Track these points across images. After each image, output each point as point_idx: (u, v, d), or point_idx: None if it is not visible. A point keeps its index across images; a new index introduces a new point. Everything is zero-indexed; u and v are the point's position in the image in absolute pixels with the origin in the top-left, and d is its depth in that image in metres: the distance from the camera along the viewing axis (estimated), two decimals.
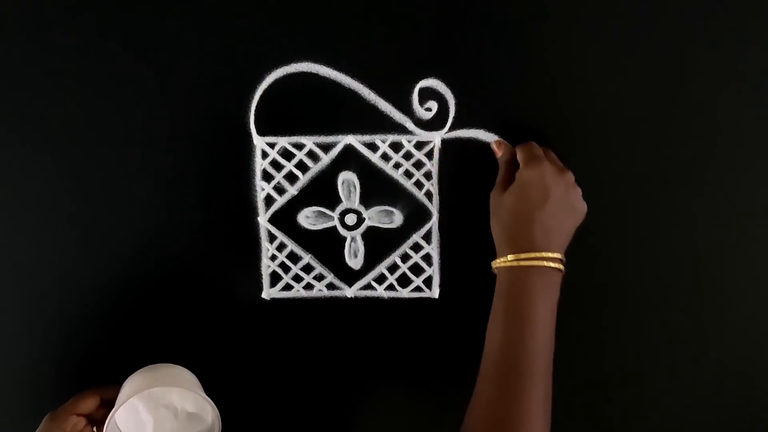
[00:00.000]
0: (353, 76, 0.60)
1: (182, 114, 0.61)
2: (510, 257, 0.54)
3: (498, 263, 0.56)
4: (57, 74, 0.60)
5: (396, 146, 0.62)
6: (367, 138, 0.61)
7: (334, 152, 0.62)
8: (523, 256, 0.53)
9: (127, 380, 0.60)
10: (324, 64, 0.60)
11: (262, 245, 0.64)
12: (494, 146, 0.60)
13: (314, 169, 0.62)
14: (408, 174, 0.62)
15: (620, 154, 0.62)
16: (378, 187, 0.63)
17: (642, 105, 0.61)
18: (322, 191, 0.63)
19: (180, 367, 0.62)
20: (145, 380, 0.59)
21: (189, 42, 0.59)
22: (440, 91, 0.60)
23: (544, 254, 0.53)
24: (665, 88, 0.60)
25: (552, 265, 0.54)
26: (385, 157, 0.62)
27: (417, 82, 0.60)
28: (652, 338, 0.66)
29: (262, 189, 0.63)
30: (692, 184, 0.62)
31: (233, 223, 0.64)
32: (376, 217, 0.63)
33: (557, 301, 0.55)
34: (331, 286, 0.65)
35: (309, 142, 0.62)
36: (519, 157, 0.58)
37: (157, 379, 0.59)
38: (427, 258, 0.65)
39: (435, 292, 0.65)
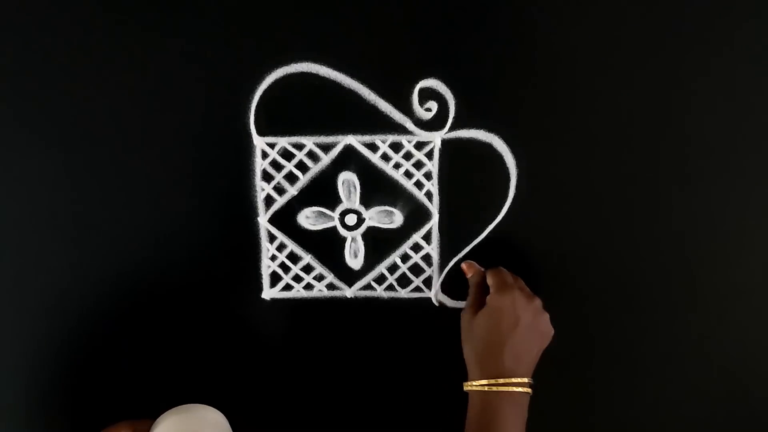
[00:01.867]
0: (353, 76, 0.60)
1: (182, 114, 0.61)
2: (482, 382, 0.57)
3: (469, 386, 0.58)
4: (58, 75, 0.60)
5: (396, 146, 0.62)
6: (367, 138, 0.61)
7: (334, 152, 0.62)
8: (493, 381, 0.56)
9: (159, 420, 0.59)
10: (324, 64, 0.60)
11: (262, 245, 0.64)
12: (464, 267, 0.63)
13: (314, 169, 0.62)
14: (408, 174, 0.62)
15: (619, 154, 0.62)
16: (378, 188, 0.63)
17: (642, 105, 0.61)
18: (322, 191, 0.63)
19: (212, 408, 0.61)
20: (179, 422, 0.58)
21: (189, 42, 0.59)
22: (440, 91, 0.60)
23: (513, 380, 0.56)
24: (665, 88, 0.60)
25: (520, 389, 0.56)
26: (385, 158, 0.62)
27: (417, 82, 0.60)
28: (648, 340, 0.66)
29: (262, 189, 0.63)
30: (690, 186, 0.62)
31: (233, 223, 0.64)
32: (376, 217, 0.63)
33: (526, 419, 0.57)
34: (331, 286, 0.65)
35: (309, 142, 0.62)
36: (489, 281, 0.60)
37: (190, 421, 0.59)
38: (427, 258, 0.65)
39: (434, 293, 0.65)
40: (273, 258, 0.64)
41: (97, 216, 0.63)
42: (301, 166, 0.62)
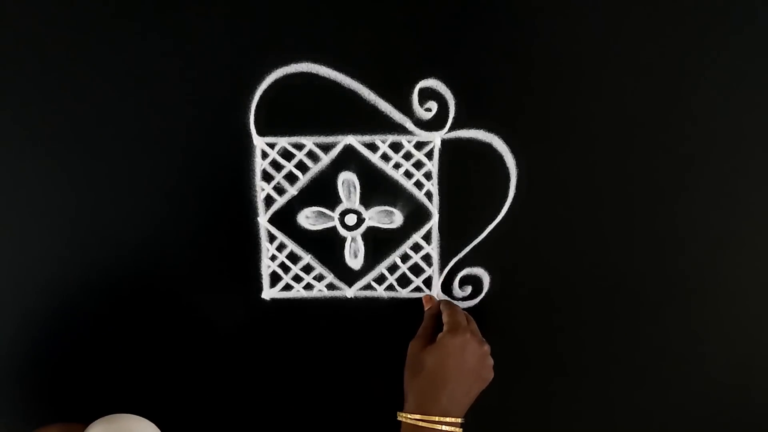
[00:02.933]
0: (353, 76, 0.60)
1: (182, 114, 0.61)
2: (416, 416, 0.57)
3: (403, 417, 0.59)
4: (58, 75, 0.60)
5: (396, 146, 0.62)
6: (367, 138, 0.61)
7: (334, 152, 0.62)
8: (427, 418, 0.57)
9: (88, 428, 0.56)
10: (324, 64, 0.60)
11: (262, 245, 0.64)
12: (425, 300, 0.65)
13: (314, 169, 0.62)
14: (408, 174, 0.62)
15: (619, 155, 0.62)
16: (378, 187, 0.63)
17: (641, 105, 0.61)
18: (322, 191, 0.63)
19: (141, 419, 0.59)
20: None
21: (189, 43, 0.59)
22: (440, 91, 0.60)
23: (447, 419, 0.57)
24: (664, 89, 0.60)
25: (451, 429, 0.57)
26: (385, 158, 0.62)
27: (417, 82, 0.60)
28: (647, 341, 0.66)
29: (262, 189, 0.63)
30: (690, 186, 0.62)
31: (233, 223, 0.64)
32: (376, 217, 0.63)
33: None
34: (331, 287, 0.65)
35: (309, 142, 0.62)
36: (445, 319, 0.61)
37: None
38: (427, 258, 0.65)
39: (435, 293, 0.65)
40: (273, 258, 0.64)
41: (97, 216, 0.63)
42: (301, 166, 0.62)
